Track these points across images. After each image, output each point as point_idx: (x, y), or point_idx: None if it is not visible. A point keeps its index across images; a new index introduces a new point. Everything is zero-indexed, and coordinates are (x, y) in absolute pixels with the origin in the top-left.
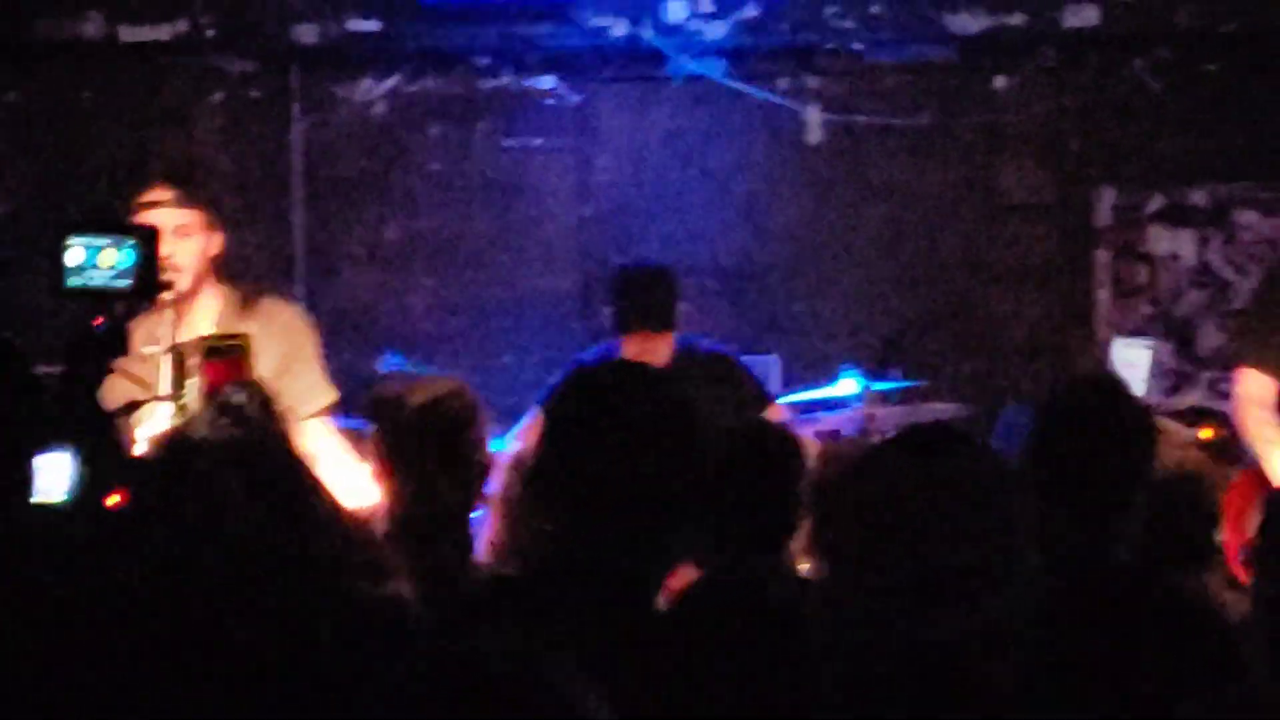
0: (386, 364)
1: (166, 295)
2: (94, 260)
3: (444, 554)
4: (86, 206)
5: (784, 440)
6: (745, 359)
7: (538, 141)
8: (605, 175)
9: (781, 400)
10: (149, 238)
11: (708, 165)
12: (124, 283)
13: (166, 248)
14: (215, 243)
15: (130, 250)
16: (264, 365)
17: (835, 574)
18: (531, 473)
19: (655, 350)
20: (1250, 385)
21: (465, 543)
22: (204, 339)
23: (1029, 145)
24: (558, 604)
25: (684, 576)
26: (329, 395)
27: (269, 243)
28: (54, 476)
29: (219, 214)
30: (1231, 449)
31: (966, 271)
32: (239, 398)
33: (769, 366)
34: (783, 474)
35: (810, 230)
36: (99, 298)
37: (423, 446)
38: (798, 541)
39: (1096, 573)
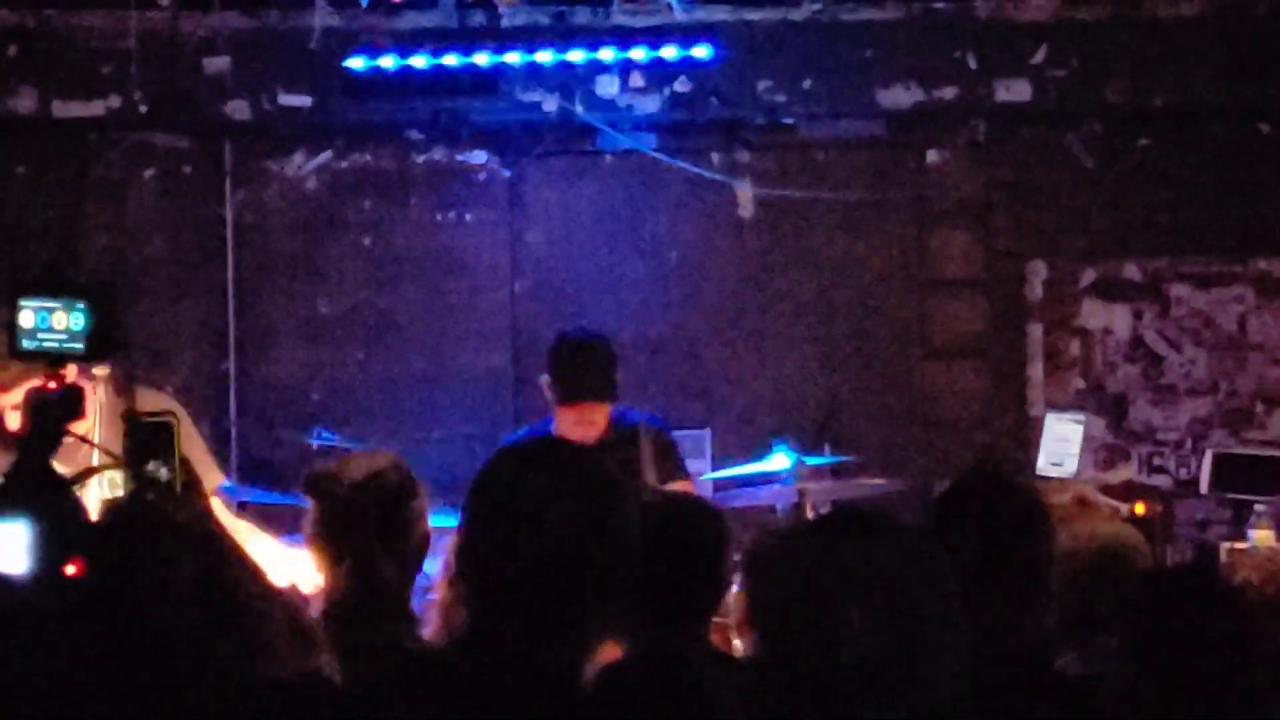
0: (317, 439)
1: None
2: (46, 323)
3: (383, 630)
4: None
5: (707, 516)
6: (678, 433)
7: (469, 216)
8: (537, 249)
9: (713, 476)
10: (100, 299)
11: (640, 239)
12: (76, 346)
13: None
14: None
15: (81, 313)
16: None
17: (765, 652)
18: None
19: (594, 421)
20: None
21: (406, 618)
22: (131, 413)
23: (961, 219)
24: (478, 684)
25: (612, 652)
26: (219, 477)
27: (202, 317)
28: (11, 546)
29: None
30: (1166, 523)
31: (899, 345)
32: (164, 473)
33: (702, 440)
34: (705, 550)
35: (742, 304)
36: (54, 360)
37: (361, 522)
38: (734, 615)
39: (1005, 659)
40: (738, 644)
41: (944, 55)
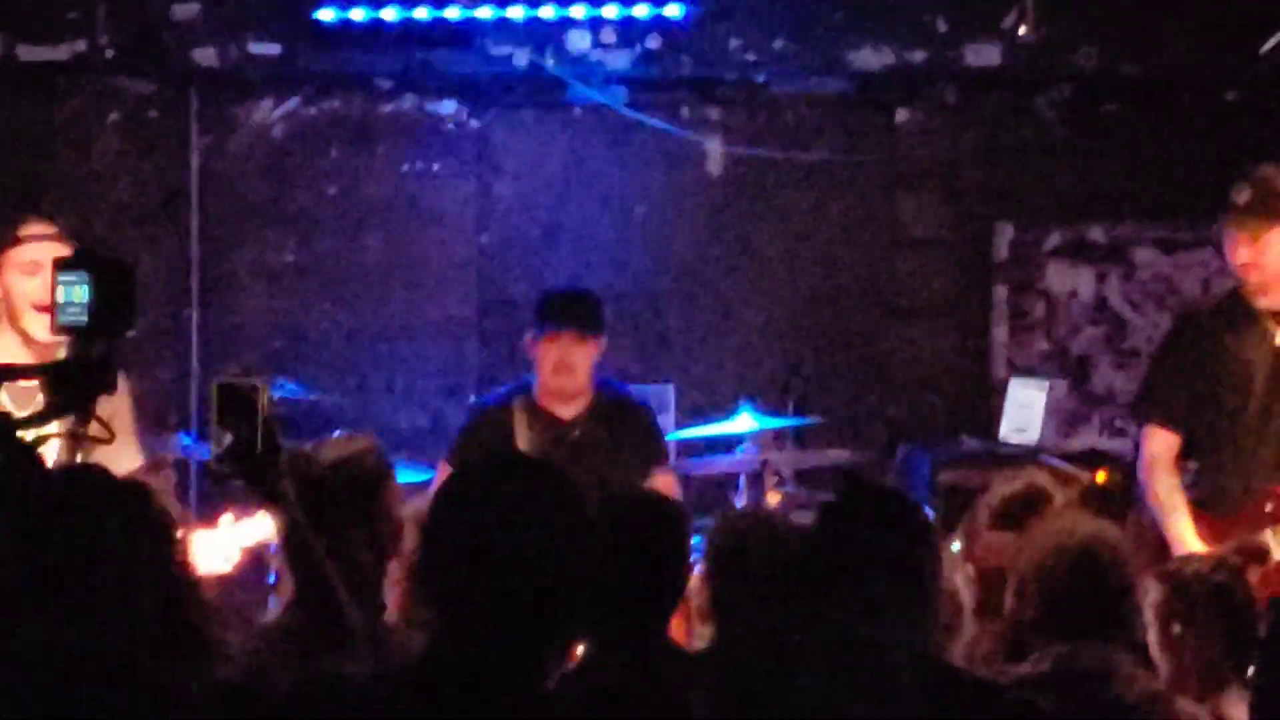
0: (279, 389)
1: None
2: (70, 296)
3: (355, 616)
4: None
5: (669, 519)
6: (643, 388)
7: (437, 167)
8: (504, 202)
9: (677, 436)
10: (106, 274)
11: (607, 193)
12: (83, 320)
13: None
14: None
15: (85, 287)
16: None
17: (728, 641)
18: (415, 569)
19: (576, 361)
20: (1155, 445)
21: (379, 603)
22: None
23: (929, 180)
24: (444, 702)
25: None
26: (136, 461)
27: (165, 263)
28: None
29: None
30: (1127, 493)
31: (864, 305)
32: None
33: (665, 395)
34: (666, 553)
35: (709, 260)
36: (76, 335)
37: (335, 505)
38: (695, 601)
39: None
40: (700, 631)
41: (915, 18)
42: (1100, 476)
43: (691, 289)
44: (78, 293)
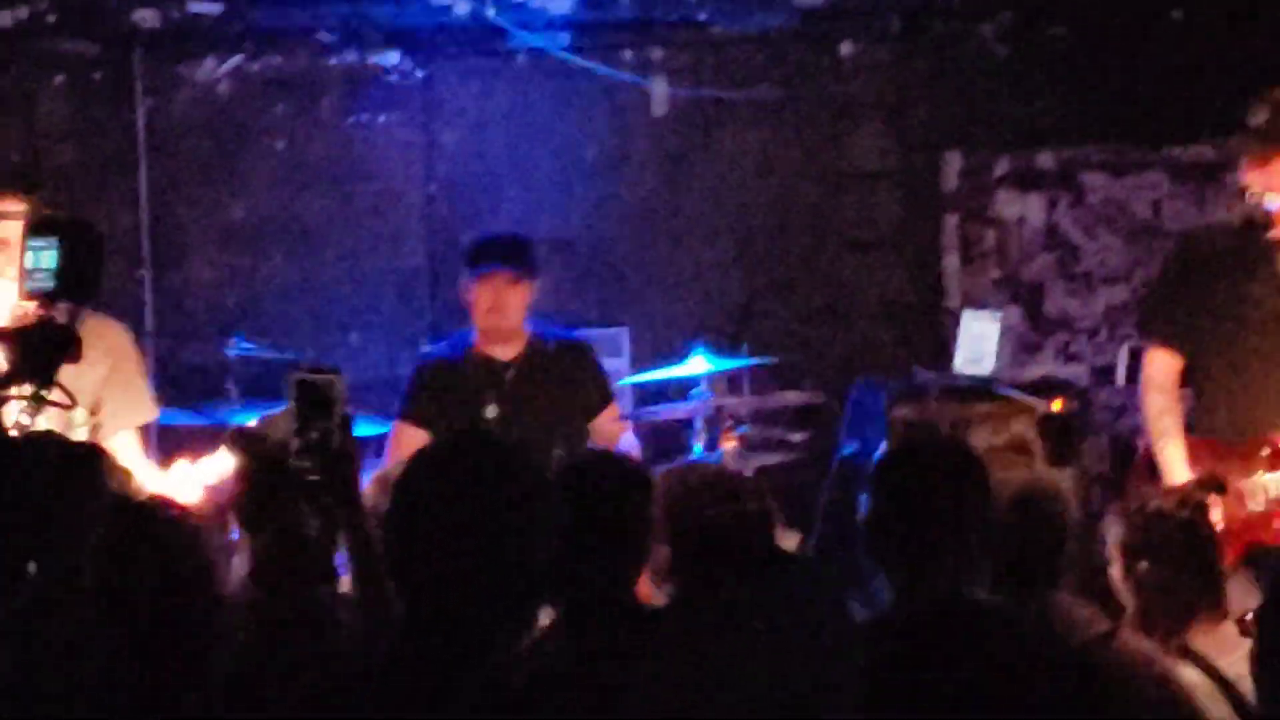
0: (235, 348)
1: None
2: (38, 262)
3: (310, 590)
4: None
5: (629, 477)
6: (595, 332)
7: (382, 118)
8: (450, 151)
9: (629, 381)
10: (74, 239)
11: (553, 139)
12: (50, 284)
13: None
14: None
15: (54, 252)
16: (89, 380)
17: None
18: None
19: (509, 301)
20: (1155, 367)
21: (329, 578)
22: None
23: (875, 112)
24: (416, 680)
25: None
26: (150, 413)
27: (115, 226)
28: None
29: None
30: (1083, 419)
31: (815, 240)
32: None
33: (619, 338)
34: (629, 513)
35: (658, 202)
36: (43, 299)
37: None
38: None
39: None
40: (658, 592)
41: None
42: (1056, 405)
43: (642, 231)
44: (46, 258)
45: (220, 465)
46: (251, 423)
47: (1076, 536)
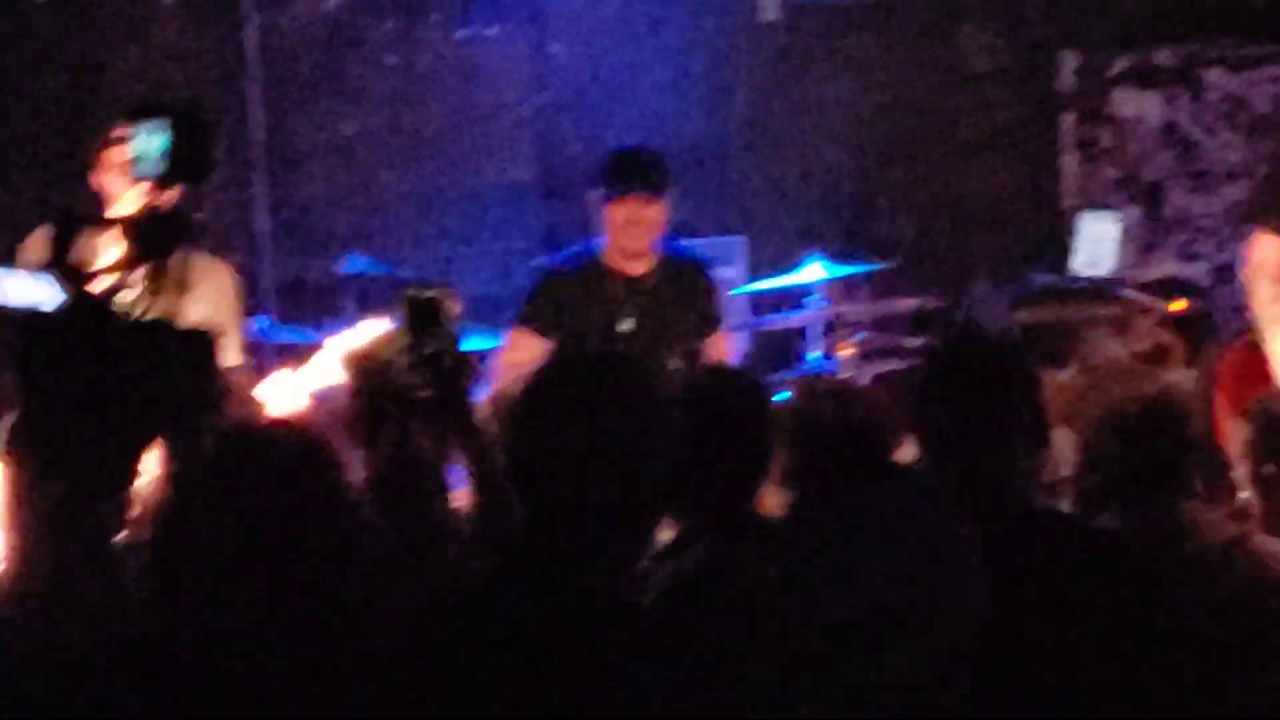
0: (349, 265)
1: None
2: (146, 147)
3: (423, 505)
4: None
5: (750, 394)
6: (712, 240)
7: (491, 31)
8: (560, 62)
9: (745, 290)
10: (182, 122)
11: (663, 47)
12: (160, 168)
13: None
14: None
15: (162, 136)
16: (189, 315)
17: (804, 507)
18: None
19: (644, 220)
20: (1263, 251)
21: (442, 494)
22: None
23: (989, 12)
24: (535, 600)
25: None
26: (234, 361)
27: (228, 143)
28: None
29: None
30: (1205, 320)
31: (929, 143)
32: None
33: (736, 247)
34: (749, 427)
35: (770, 109)
36: (153, 182)
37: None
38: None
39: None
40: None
41: None
42: (1178, 305)
43: (754, 139)
44: (154, 143)
45: (322, 374)
46: (359, 338)
47: (1203, 442)
